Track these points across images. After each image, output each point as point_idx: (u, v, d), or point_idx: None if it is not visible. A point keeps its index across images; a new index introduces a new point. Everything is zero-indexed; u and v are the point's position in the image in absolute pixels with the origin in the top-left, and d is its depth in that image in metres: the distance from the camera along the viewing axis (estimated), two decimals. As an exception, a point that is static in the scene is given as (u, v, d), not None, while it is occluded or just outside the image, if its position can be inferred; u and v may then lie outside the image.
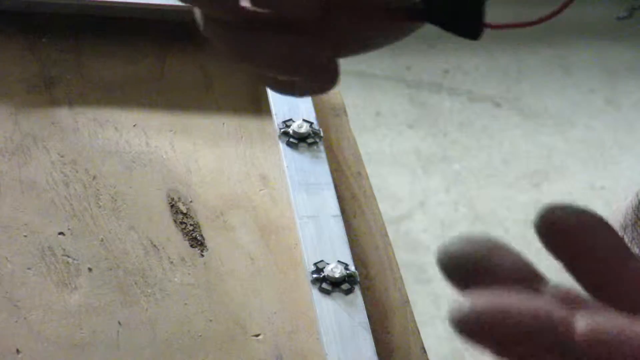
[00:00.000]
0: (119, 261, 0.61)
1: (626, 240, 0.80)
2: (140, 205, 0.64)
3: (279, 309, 0.60)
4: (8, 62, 0.73)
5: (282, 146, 0.68)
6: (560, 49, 2.50)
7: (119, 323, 0.58)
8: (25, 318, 0.57)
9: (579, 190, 2.15)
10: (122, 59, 0.75)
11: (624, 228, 0.81)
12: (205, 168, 0.68)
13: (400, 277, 0.64)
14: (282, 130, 0.68)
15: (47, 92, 0.71)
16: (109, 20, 0.76)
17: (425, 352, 0.60)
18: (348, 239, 0.63)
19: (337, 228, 0.63)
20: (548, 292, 0.34)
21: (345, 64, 0.48)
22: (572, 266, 0.34)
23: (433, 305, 1.88)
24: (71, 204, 0.63)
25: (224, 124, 0.71)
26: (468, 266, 0.32)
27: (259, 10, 0.40)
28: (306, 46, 0.41)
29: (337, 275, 0.60)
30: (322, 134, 0.69)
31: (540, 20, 0.43)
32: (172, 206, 0.65)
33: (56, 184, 0.65)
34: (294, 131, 0.68)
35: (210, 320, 0.59)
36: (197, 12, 0.41)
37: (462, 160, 2.19)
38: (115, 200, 0.64)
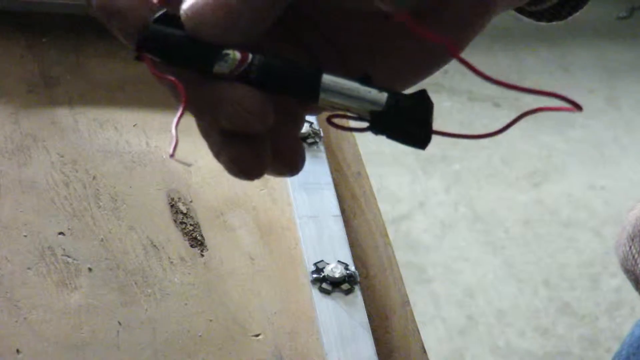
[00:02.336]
0: (119, 261, 0.61)
1: (634, 251, 0.81)
2: (140, 205, 0.64)
3: (279, 309, 0.60)
4: (8, 62, 0.73)
5: (282, 146, 0.68)
6: (560, 49, 2.50)
7: (119, 323, 0.58)
8: (25, 318, 0.57)
9: (578, 190, 2.15)
10: (122, 59, 0.75)
11: (632, 239, 0.81)
12: (205, 168, 0.68)
13: (400, 277, 0.64)
14: (282, 130, 0.68)
15: (47, 92, 0.71)
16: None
17: (425, 352, 0.60)
18: (348, 239, 0.63)
19: (337, 228, 0.63)
20: None
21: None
22: None
23: (433, 305, 1.88)
24: (71, 204, 0.63)
25: (224, 124, 0.71)
26: None
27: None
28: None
29: (337, 275, 0.60)
30: (322, 134, 0.69)
31: (482, 136, 0.43)
32: (172, 206, 0.65)
33: (56, 184, 0.65)
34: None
35: (210, 320, 0.59)
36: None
37: (462, 160, 2.19)
38: (115, 200, 0.64)
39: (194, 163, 0.68)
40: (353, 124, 0.42)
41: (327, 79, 0.39)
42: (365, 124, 0.40)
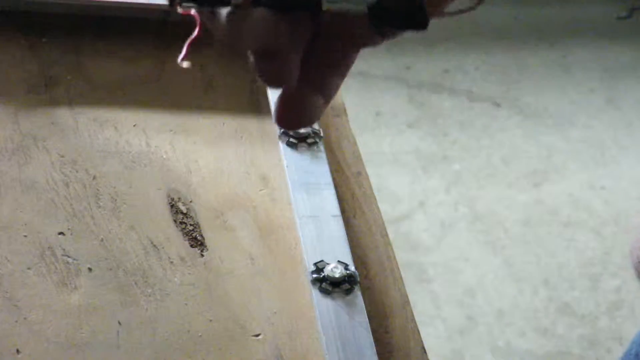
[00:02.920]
0: (119, 261, 0.61)
1: None
2: (140, 205, 0.64)
3: (279, 309, 0.60)
4: (8, 62, 0.73)
5: (282, 146, 0.68)
6: (560, 49, 2.50)
7: (119, 323, 0.58)
8: (25, 318, 0.57)
9: (578, 190, 2.15)
10: (122, 59, 0.75)
11: None
12: (205, 168, 0.68)
13: (400, 277, 0.64)
14: (282, 130, 0.68)
15: (47, 92, 0.71)
16: (109, 20, 0.76)
17: (425, 352, 0.60)
18: (348, 239, 0.63)
19: (337, 228, 0.63)
20: None
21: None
22: None
23: (433, 305, 1.88)
24: (71, 204, 0.63)
25: (224, 124, 0.71)
26: None
27: None
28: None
29: (337, 275, 0.60)
30: (322, 134, 0.69)
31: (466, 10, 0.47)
32: (172, 206, 0.65)
33: (56, 184, 0.65)
34: (293, 131, 0.68)
35: (210, 320, 0.59)
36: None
37: (462, 160, 2.19)
38: (115, 200, 0.64)
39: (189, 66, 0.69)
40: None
41: None
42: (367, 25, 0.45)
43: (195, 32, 0.51)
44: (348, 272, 0.60)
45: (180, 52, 0.76)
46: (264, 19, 0.46)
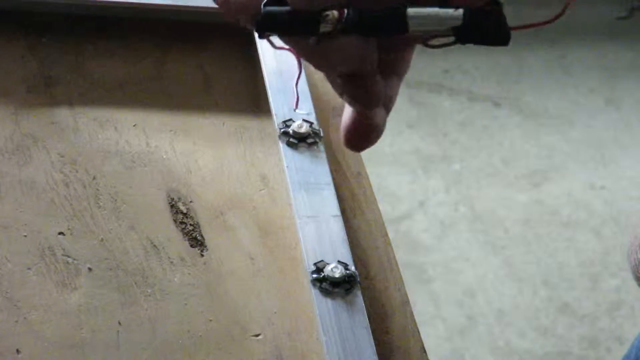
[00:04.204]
0: (119, 261, 0.61)
1: None
2: (140, 205, 0.64)
3: (279, 309, 0.60)
4: (8, 62, 0.73)
5: (282, 146, 0.68)
6: (560, 49, 2.50)
7: (119, 323, 0.58)
8: (25, 318, 0.57)
9: (578, 190, 2.15)
10: (122, 59, 0.75)
11: None
12: (205, 168, 0.68)
13: (400, 277, 0.64)
14: (282, 130, 0.68)
15: (47, 92, 0.71)
16: (109, 20, 0.76)
17: (425, 352, 0.60)
18: (348, 239, 0.63)
19: (337, 228, 0.63)
20: None
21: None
22: None
23: (433, 305, 1.88)
24: (71, 204, 0.63)
25: (224, 124, 0.71)
26: None
27: None
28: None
29: (337, 275, 0.60)
30: (322, 134, 0.69)
31: (553, 19, 0.50)
32: (172, 206, 0.65)
33: (56, 184, 0.65)
34: (294, 131, 0.68)
35: (210, 320, 0.59)
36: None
37: (462, 160, 2.19)
38: (115, 200, 0.64)
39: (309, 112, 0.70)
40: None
41: (411, 11, 0.47)
42: (452, 39, 0.48)
43: (299, 72, 0.54)
44: (348, 272, 0.60)
45: (182, 52, 0.76)
46: (353, 44, 0.48)
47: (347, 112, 0.53)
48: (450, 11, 0.47)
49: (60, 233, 0.62)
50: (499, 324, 1.86)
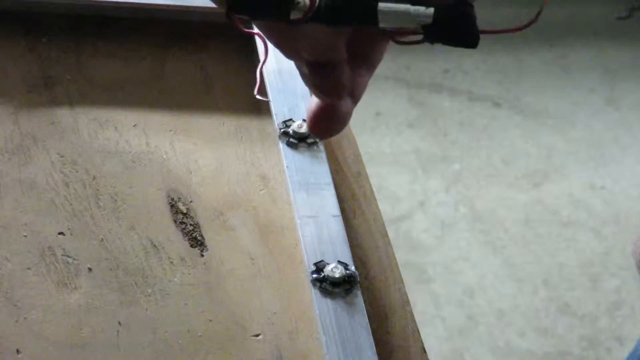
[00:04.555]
0: (119, 261, 0.61)
1: None
2: (140, 205, 0.64)
3: (279, 309, 0.60)
4: (8, 62, 0.73)
5: (282, 146, 0.68)
6: (560, 49, 2.50)
7: (119, 323, 0.58)
8: (25, 318, 0.57)
9: (578, 190, 2.15)
10: (122, 59, 0.75)
11: None
12: (205, 168, 0.68)
13: (400, 277, 0.64)
14: (282, 130, 0.68)
15: (47, 92, 0.71)
16: (109, 20, 0.76)
17: (425, 352, 0.60)
18: (348, 239, 0.63)
19: (337, 228, 0.63)
20: None
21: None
22: None
23: (433, 305, 1.88)
24: (71, 204, 0.63)
25: (224, 124, 0.71)
26: None
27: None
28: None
29: (337, 275, 0.60)
30: (322, 134, 0.69)
31: (522, 27, 0.50)
32: (172, 206, 0.65)
33: (56, 184, 0.65)
34: (294, 131, 0.68)
35: (210, 320, 0.59)
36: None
37: (462, 160, 2.19)
38: (115, 200, 0.64)
39: (270, 99, 0.70)
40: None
41: (382, 5, 0.47)
42: (420, 37, 0.48)
43: (264, 58, 0.53)
44: (348, 272, 0.60)
45: (182, 52, 0.76)
46: (322, 33, 0.48)
47: (314, 99, 0.53)
48: (421, 9, 0.47)
49: (60, 233, 0.62)
50: (499, 324, 1.86)
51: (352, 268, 0.60)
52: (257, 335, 0.58)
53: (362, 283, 0.61)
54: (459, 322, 1.86)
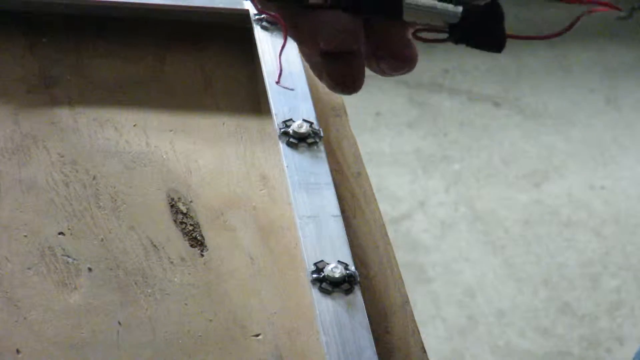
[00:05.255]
0: (119, 261, 0.61)
1: None
2: (140, 205, 0.64)
3: (279, 309, 0.60)
4: (8, 62, 0.73)
5: (282, 146, 0.68)
6: (560, 49, 2.50)
7: (119, 323, 0.58)
8: (25, 318, 0.57)
9: (578, 190, 2.15)
10: (122, 59, 0.75)
11: None
12: (205, 168, 0.68)
13: (400, 277, 0.64)
14: (282, 130, 0.68)
15: (47, 92, 0.71)
16: (109, 20, 0.76)
17: (425, 352, 0.60)
18: (348, 239, 0.63)
19: (337, 228, 0.63)
20: None
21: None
22: None
23: (433, 305, 1.88)
24: (71, 204, 0.63)
25: (224, 124, 0.71)
26: None
27: None
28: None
29: (337, 275, 0.60)
30: (322, 134, 0.69)
31: (554, 35, 0.48)
32: (172, 206, 0.65)
33: (56, 184, 0.65)
34: (294, 131, 0.68)
35: (210, 320, 0.59)
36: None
37: (462, 160, 2.19)
38: (115, 200, 0.64)
39: (293, 88, 0.69)
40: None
41: None
42: (444, 36, 0.46)
43: (283, 42, 0.49)
44: (348, 272, 0.60)
45: (182, 52, 0.76)
46: (343, 20, 0.46)
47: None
48: (449, 6, 0.45)
49: (60, 233, 0.62)
50: (499, 324, 1.86)
51: (352, 268, 0.60)
52: (257, 335, 0.58)
53: (362, 283, 0.61)
54: (459, 322, 1.85)
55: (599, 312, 1.89)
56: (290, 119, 0.69)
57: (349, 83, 0.49)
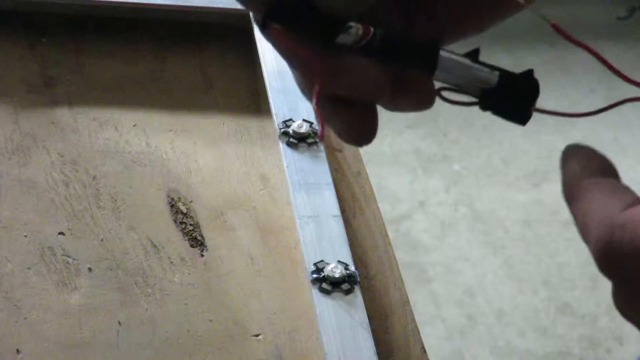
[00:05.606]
0: (119, 261, 0.61)
1: None
2: (140, 205, 0.64)
3: (279, 309, 0.60)
4: (8, 62, 0.73)
5: (282, 146, 0.68)
6: (560, 49, 2.50)
7: (119, 323, 0.58)
8: (25, 318, 0.57)
9: (579, 190, 2.15)
10: (122, 59, 0.75)
11: None
12: (205, 168, 0.68)
13: (400, 277, 0.64)
14: (282, 130, 0.68)
15: (47, 92, 0.71)
16: (109, 20, 0.76)
17: (425, 352, 0.60)
18: (348, 239, 0.63)
19: (337, 228, 0.63)
20: None
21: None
22: None
23: (433, 305, 1.88)
24: (71, 204, 0.63)
25: (224, 124, 0.71)
26: None
27: None
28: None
29: (337, 275, 0.60)
30: (322, 134, 0.69)
31: (583, 114, 0.46)
32: (172, 206, 0.65)
33: (56, 184, 0.65)
34: (294, 131, 0.68)
35: (210, 320, 0.59)
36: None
37: (462, 160, 2.19)
38: (115, 200, 0.64)
39: (341, 150, 0.67)
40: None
41: (444, 55, 0.41)
42: (471, 99, 0.43)
43: (317, 87, 0.41)
44: (348, 272, 0.60)
45: (182, 52, 0.76)
46: (370, 69, 0.41)
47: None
48: (485, 69, 0.42)
49: (60, 233, 0.62)
50: (499, 324, 1.86)
51: (352, 268, 0.60)
52: (257, 335, 0.58)
53: (362, 283, 0.61)
54: (459, 322, 1.85)
55: (599, 312, 1.89)
56: (290, 119, 0.69)
57: (361, 134, 0.44)
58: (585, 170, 0.39)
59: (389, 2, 0.43)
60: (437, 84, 0.44)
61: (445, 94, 0.44)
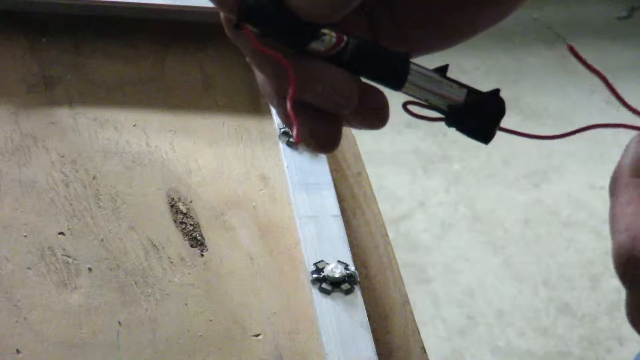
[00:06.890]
0: (119, 261, 0.61)
1: None
2: (140, 205, 0.64)
3: (279, 309, 0.60)
4: (8, 62, 0.73)
5: (282, 146, 0.68)
6: (560, 49, 2.50)
7: (119, 323, 0.58)
8: (25, 318, 0.57)
9: (578, 190, 2.15)
10: (122, 59, 0.75)
11: None
12: (205, 168, 0.68)
13: (400, 277, 0.64)
14: (282, 130, 0.68)
15: (47, 92, 0.71)
16: (109, 20, 0.76)
17: (425, 352, 0.60)
18: (348, 239, 0.63)
19: (337, 228, 0.63)
20: None
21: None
22: None
23: (433, 305, 1.88)
24: (71, 204, 0.63)
25: (224, 124, 0.71)
26: None
27: None
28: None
29: (337, 275, 0.60)
30: (322, 134, 0.69)
31: (549, 137, 0.46)
32: (172, 206, 0.65)
33: (56, 184, 0.65)
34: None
35: (210, 320, 0.59)
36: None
37: (462, 160, 2.19)
38: (115, 200, 0.64)
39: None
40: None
41: (414, 68, 0.42)
42: (437, 115, 0.43)
43: (291, 91, 0.41)
44: (348, 272, 0.60)
45: (182, 52, 0.76)
46: (341, 79, 0.41)
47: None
48: (454, 87, 0.42)
49: (60, 233, 0.62)
50: (499, 324, 1.86)
51: (352, 268, 0.60)
52: (257, 335, 0.58)
53: (362, 283, 0.61)
54: (459, 322, 1.86)
55: (599, 312, 1.89)
56: (290, 119, 0.69)
57: (325, 143, 0.43)
58: (633, 167, 0.39)
59: (361, 14, 0.44)
60: (405, 98, 0.43)
61: (411, 108, 0.44)
